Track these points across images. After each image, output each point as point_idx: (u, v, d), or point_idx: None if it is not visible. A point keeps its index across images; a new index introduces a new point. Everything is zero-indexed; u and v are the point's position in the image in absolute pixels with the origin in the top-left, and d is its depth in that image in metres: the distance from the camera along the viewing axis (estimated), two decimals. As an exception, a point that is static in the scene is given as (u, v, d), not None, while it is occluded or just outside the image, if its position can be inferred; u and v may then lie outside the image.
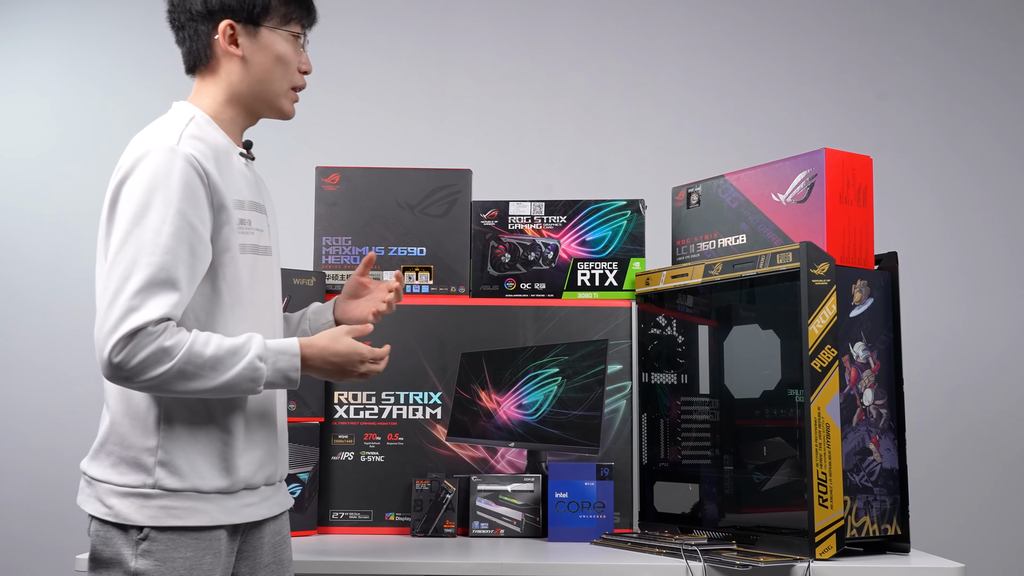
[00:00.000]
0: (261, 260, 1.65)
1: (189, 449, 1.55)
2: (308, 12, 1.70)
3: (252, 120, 1.72)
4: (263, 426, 1.65)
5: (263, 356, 1.52)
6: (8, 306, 3.17)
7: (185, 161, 1.52)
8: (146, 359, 1.45)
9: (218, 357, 1.49)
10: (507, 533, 2.27)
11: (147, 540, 1.52)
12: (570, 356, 2.35)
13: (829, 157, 2.05)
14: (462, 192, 2.43)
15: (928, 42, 3.24)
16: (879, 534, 2.00)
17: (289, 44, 1.67)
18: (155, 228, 1.48)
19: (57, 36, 3.27)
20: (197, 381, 1.48)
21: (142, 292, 1.45)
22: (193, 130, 1.60)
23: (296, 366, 1.56)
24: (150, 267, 1.46)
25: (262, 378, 1.53)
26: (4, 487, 3.08)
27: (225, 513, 1.57)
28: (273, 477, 1.67)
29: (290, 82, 1.69)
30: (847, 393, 1.98)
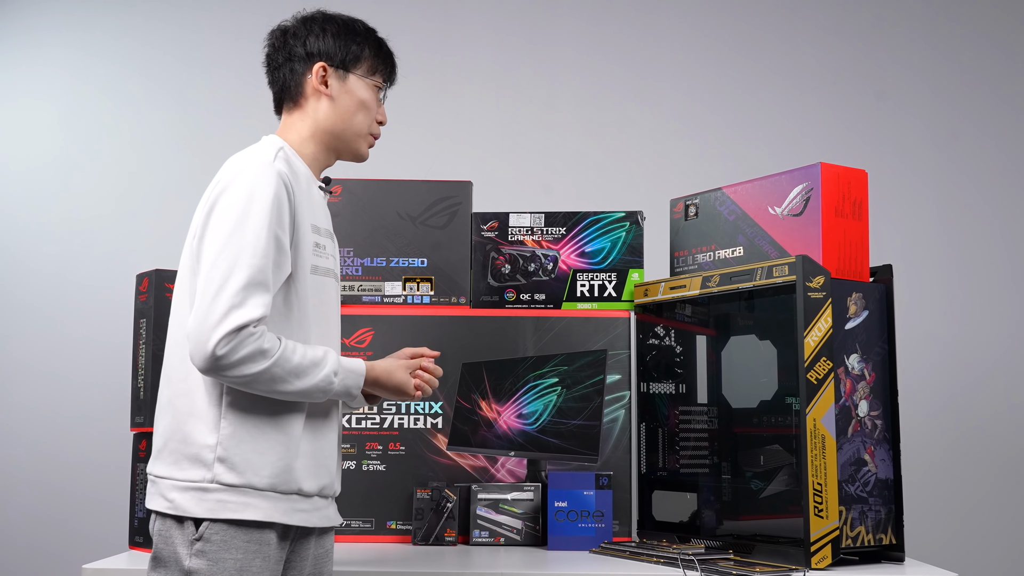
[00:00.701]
0: (330, 284, 1.78)
1: (246, 448, 1.63)
2: (392, 69, 1.87)
3: (331, 158, 1.85)
4: (320, 438, 1.72)
5: (337, 371, 1.67)
6: (13, 313, 3.19)
7: (278, 176, 1.65)
8: (246, 356, 1.56)
9: (303, 366, 1.62)
10: (507, 541, 2.30)
11: (201, 540, 1.59)
12: (569, 366, 2.38)
13: (825, 171, 2.08)
14: (463, 204, 2.45)
15: (926, 50, 3.27)
16: (874, 544, 2.03)
17: (371, 92, 1.83)
18: (254, 233, 1.60)
19: (63, 45, 3.30)
20: (281, 384, 1.60)
21: (243, 291, 1.57)
22: (284, 156, 1.73)
23: (360, 385, 1.71)
24: (250, 268, 1.58)
25: (332, 391, 1.67)
26: (10, 494, 3.10)
27: (278, 512, 1.63)
28: (327, 490, 1.73)
29: (369, 127, 1.84)
30: (842, 404, 2.01)
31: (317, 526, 1.72)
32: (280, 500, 1.64)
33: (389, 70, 1.87)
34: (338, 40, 1.81)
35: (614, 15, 3.29)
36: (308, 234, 1.70)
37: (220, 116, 3.24)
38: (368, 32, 1.85)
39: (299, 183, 1.71)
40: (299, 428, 1.67)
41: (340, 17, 1.84)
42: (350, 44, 1.81)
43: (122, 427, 2.55)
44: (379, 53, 1.84)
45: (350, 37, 1.82)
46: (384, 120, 1.87)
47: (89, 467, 3.06)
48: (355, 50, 1.81)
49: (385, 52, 1.86)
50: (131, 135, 3.27)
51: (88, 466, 3.06)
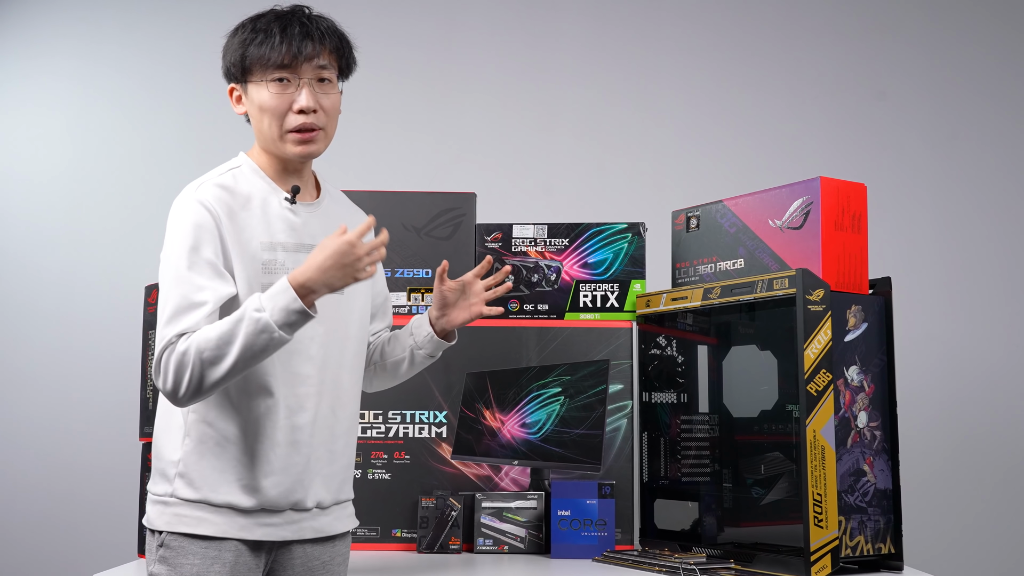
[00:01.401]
0: None
1: (204, 465, 1.67)
2: (286, 53, 1.70)
3: (286, 164, 1.79)
4: (292, 453, 1.70)
5: (260, 306, 1.58)
6: (21, 322, 3.22)
7: (199, 205, 1.68)
8: (175, 372, 1.58)
9: (223, 331, 1.58)
10: (511, 549, 2.32)
11: (163, 547, 1.66)
12: (572, 376, 2.41)
13: (824, 185, 2.11)
14: (467, 215, 2.48)
15: (926, 57, 3.30)
16: (873, 553, 2.06)
17: (269, 92, 1.72)
18: (175, 266, 1.64)
19: (70, 55, 3.33)
20: (222, 361, 1.57)
21: (169, 323, 1.61)
22: (226, 179, 1.74)
23: (293, 296, 1.58)
24: (173, 299, 1.63)
25: (270, 323, 1.57)
26: (18, 501, 3.13)
27: (235, 528, 1.66)
28: (303, 504, 1.72)
29: (280, 127, 1.73)
30: (842, 416, 2.04)
31: (288, 539, 1.71)
32: (238, 516, 1.67)
33: (286, 52, 1.70)
34: (227, 58, 1.76)
35: (616, 28, 3.32)
36: (256, 253, 1.69)
37: (227, 125, 3.24)
38: (250, 29, 1.73)
39: (246, 202, 1.71)
40: (263, 446, 1.67)
41: (237, 27, 1.76)
42: (234, 57, 1.74)
43: (131, 436, 2.58)
44: (264, 44, 1.70)
45: (234, 48, 1.74)
46: (304, 105, 1.71)
47: (98, 476, 3.09)
48: (238, 60, 1.73)
49: (272, 38, 1.70)
50: (138, 145, 3.30)
51: (97, 475, 3.09)
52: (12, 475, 3.14)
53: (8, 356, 3.21)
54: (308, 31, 1.72)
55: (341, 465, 1.80)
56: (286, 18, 1.73)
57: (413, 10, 3.30)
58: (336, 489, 1.79)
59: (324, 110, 1.75)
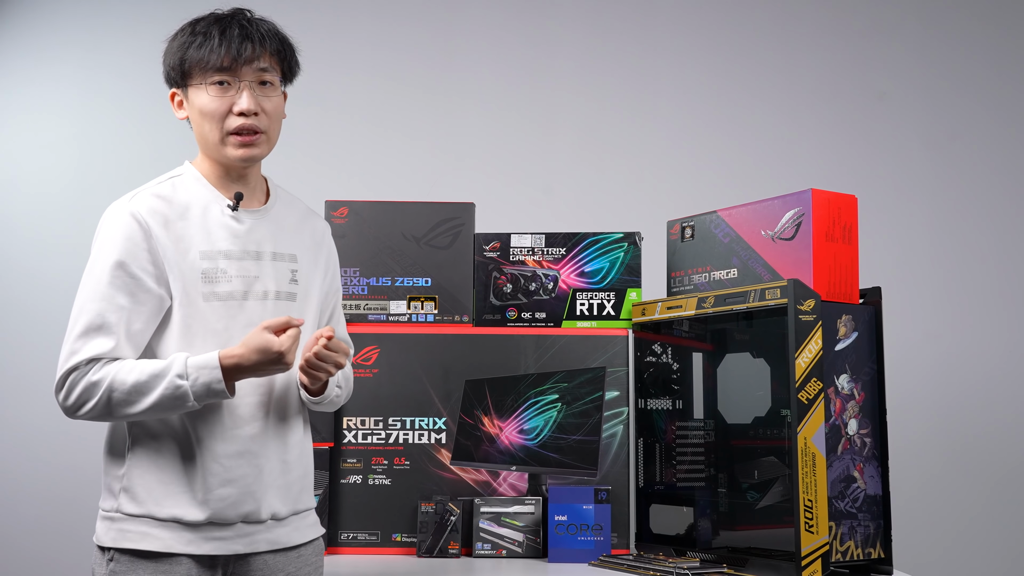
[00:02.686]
0: (249, 306, 1.72)
1: (149, 478, 1.66)
2: (224, 55, 1.68)
3: (228, 169, 1.77)
4: (241, 464, 1.68)
5: (183, 374, 1.59)
6: (26, 329, 3.25)
7: (130, 216, 1.68)
8: (79, 395, 1.61)
9: (140, 382, 1.59)
10: (509, 554, 2.37)
11: (113, 562, 1.64)
12: (569, 383, 2.45)
13: (816, 197, 2.15)
14: (466, 224, 2.52)
15: (923, 64, 3.33)
16: (863, 558, 2.10)
17: (209, 96, 1.71)
18: (97, 278, 1.66)
19: (75, 62, 3.35)
20: (129, 407, 1.60)
21: (81, 337, 1.62)
22: (163, 189, 1.73)
23: (218, 378, 1.60)
24: (88, 314, 1.63)
25: (188, 395, 1.59)
26: (21, 506, 3.16)
27: (181, 543, 1.64)
28: (255, 515, 1.69)
29: (221, 129, 1.72)
30: (832, 424, 2.08)
31: (240, 552, 1.69)
32: (184, 531, 1.64)
33: (224, 54, 1.68)
34: (167, 62, 1.74)
35: (613, 39, 3.35)
36: (195, 262, 1.68)
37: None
38: (189, 33, 1.72)
39: (185, 211, 1.70)
40: (207, 457, 1.65)
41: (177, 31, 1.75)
42: (173, 61, 1.72)
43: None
44: (202, 47, 1.69)
45: (173, 52, 1.73)
46: (244, 107, 1.69)
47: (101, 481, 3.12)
48: (177, 64, 1.72)
49: (210, 41, 1.68)
50: (143, 152, 3.33)
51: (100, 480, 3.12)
52: (15, 479, 3.17)
53: (13, 361, 3.24)
54: (248, 33, 1.70)
55: (297, 475, 1.78)
56: (225, 20, 1.72)
57: (411, 20, 3.34)
58: (293, 499, 1.76)
59: (266, 113, 1.73)
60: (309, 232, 1.88)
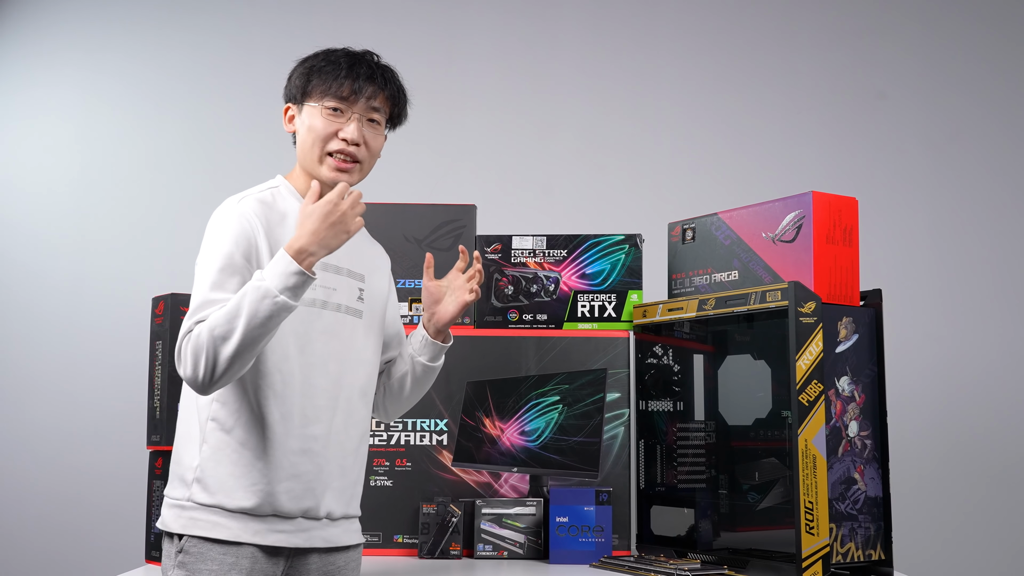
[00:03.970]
0: (327, 315, 1.82)
1: (221, 470, 1.73)
2: (346, 86, 1.83)
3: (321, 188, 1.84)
4: (305, 461, 1.77)
5: (261, 276, 1.66)
6: (30, 330, 3.26)
7: (239, 215, 1.78)
8: (193, 351, 1.65)
9: (230, 306, 1.65)
10: (510, 555, 2.37)
11: (183, 552, 1.72)
12: (570, 385, 2.46)
13: (816, 199, 2.15)
14: (467, 226, 2.53)
15: (922, 67, 3.34)
16: (864, 559, 2.10)
17: (321, 117, 1.84)
18: (209, 266, 1.73)
19: (77, 65, 3.37)
20: (232, 335, 1.62)
21: (191, 314, 1.70)
22: (265, 195, 1.84)
23: (288, 260, 1.66)
24: (198, 299, 1.72)
25: (272, 290, 1.64)
26: (28, 507, 3.17)
27: (248, 533, 1.72)
28: (314, 512, 1.78)
29: (322, 149, 1.84)
30: (833, 425, 2.09)
31: (302, 547, 1.78)
32: (252, 521, 1.72)
33: (347, 85, 1.83)
34: (292, 80, 1.89)
35: (613, 41, 3.36)
36: None
37: (233, 136, 3.32)
38: (322, 59, 1.86)
39: (282, 219, 1.81)
40: (277, 452, 1.74)
41: (307, 57, 1.89)
42: (298, 80, 1.87)
43: (138, 442, 2.63)
44: (330, 74, 1.83)
45: (300, 73, 1.87)
46: (349, 136, 1.83)
47: (106, 481, 3.13)
48: (301, 84, 1.86)
49: (338, 71, 1.83)
50: (145, 154, 3.34)
51: (105, 480, 3.14)
52: (21, 480, 3.19)
53: (17, 362, 3.25)
54: (372, 74, 1.86)
55: (351, 480, 1.88)
56: (356, 57, 1.87)
57: (413, 24, 3.35)
58: (346, 503, 1.86)
59: (367, 146, 1.87)
60: (372, 257, 2.00)
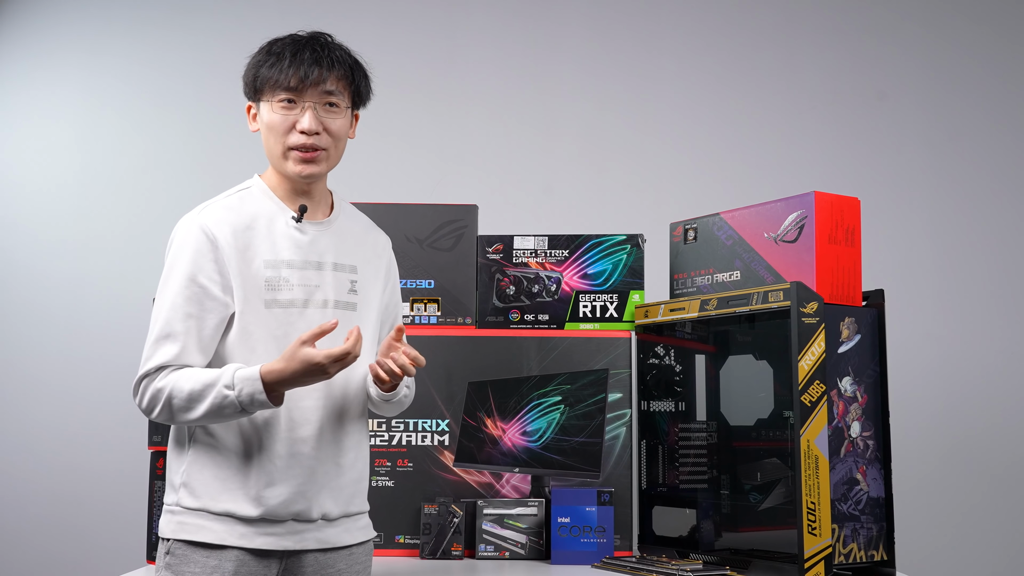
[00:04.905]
0: (296, 314, 1.79)
1: (207, 474, 1.75)
2: (293, 75, 1.77)
3: (293, 183, 1.86)
4: (293, 464, 1.76)
5: (230, 385, 1.68)
6: (31, 329, 3.26)
7: (198, 229, 1.76)
8: (149, 399, 1.72)
9: (194, 391, 1.69)
10: (512, 556, 2.37)
11: (169, 554, 1.74)
12: (572, 385, 2.45)
13: (818, 199, 2.15)
14: (469, 227, 2.53)
15: (923, 68, 3.33)
16: (866, 560, 2.10)
17: (276, 113, 1.80)
18: (170, 289, 1.75)
19: (78, 66, 3.37)
20: (188, 413, 1.70)
21: (153, 345, 1.74)
22: (231, 201, 1.82)
23: (260, 389, 1.67)
24: (159, 323, 1.74)
25: (235, 404, 1.68)
26: (28, 506, 3.17)
27: (234, 536, 1.73)
28: (306, 515, 1.77)
29: (283, 144, 1.81)
30: (835, 426, 2.08)
31: (291, 549, 1.76)
32: (238, 525, 1.73)
33: (293, 75, 1.77)
34: (245, 76, 1.85)
35: (615, 42, 3.36)
36: (259, 271, 1.76)
37: (233, 136, 3.31)
38: (265, 52, 1.82)
39: (252, 222, 1.79)
40: (262, 457, 1.74)
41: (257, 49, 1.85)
42: (249, 78, 1.83)
43: (139, 442, 2.62)
44: (274, 66, 1.78)
45: (250, 70, 1.83)
46: (305, 127, 1.78)
47: (106, 481, 3.13)
48: (249, 80, 1.83)
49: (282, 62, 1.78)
50: (145, 154, 3.34)
51: (105, 480, 3.14)
52: (22, 479, 3.19)
53: (18, 362, 3.25)
54: (318, 58, 1.80)
55: (351, 478, 1.85)
56: (300, 43, 1.82)
57: (414, 25, 3.35)
58: (346, 502, 1.83)
59: (329, 132, 1.82)
60: (371, 244, 1.97)
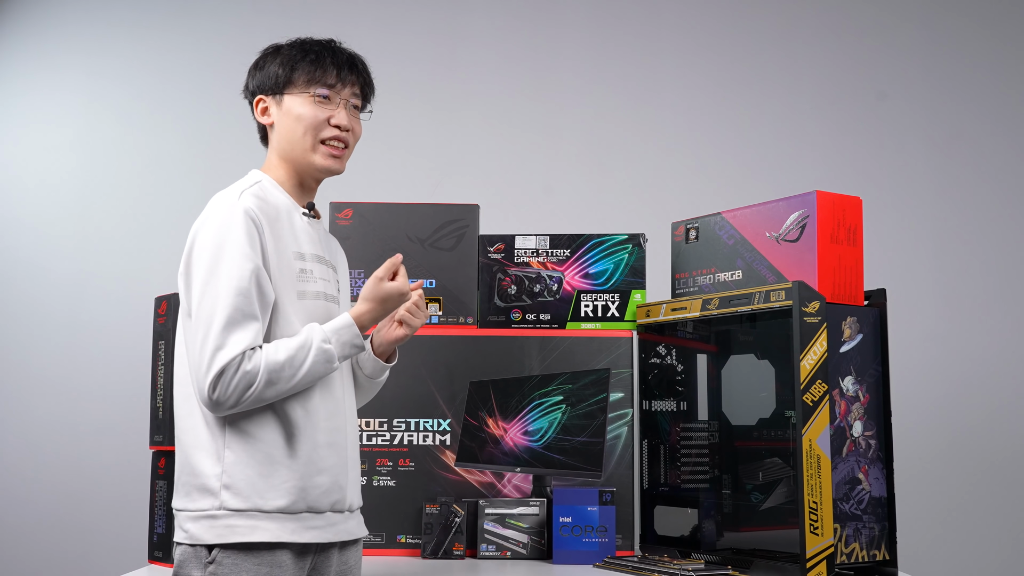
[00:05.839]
0: (321, 306, 1.83)
1: (251, 472, 1.70)
2: (333, 73, 1.84)
3: (306, 181, 1.89)
4: (331, 454, 1.78)
5: (327, 338, 1.73)
6: (33, 327, 3.27)
7: (244, 214, 1.73)
8: (237, 387, 1.66)
9: (291, 357, 1.69)
10: (513, 555, 2.37)
11: (214, 563, 1.67)
12: (574, 384, 2.45)
13: (820, 199, 2.15)
14: (470, 226, 2.53)
15: (924, 69, 3.33)
16: (868, 560, 2.10)
17: (309, 104, 1.83)
18: (227, 273, 1.69)
19: (78, 69, 3.38)
20: (286, 383, 1.69)
21: (223, 332, 1.66)
22: (256, 191, 1.81)
23: (356, 333, 1.77)
24: (227, 308, 1.67)
25: (335, 355, 1.74)
26: (31, 503, 3.18)
27: (287, 532, 1.70)
28: (340, 505, 1.79)
29: (315, 137, 1.84)
30: (837, 425, 2.08)
31: (332, 541, 1.78)
32: (289, 520, 1.71)
33: (333, 73, 1.84)
34: (265, 70, 1.86)
35: (616, 42, 3.36)
36: (291, 262, 1.78)
37: (231, 137, 3.30)
38: (299, 49, 1.86)
39: (277, 214, 1.79)
40: (306, 447, 1.74)
41: (273, 47, 1.89)
42: (275, 69, 1.84)
43: (141, 441, 2.62)
44: (315, 63, 1.83)
45: (275, 62, 1.85)
46: (338, 123, 1.84)
47: (109, 479, 3.14)
48: (281, 73, 1.84)
49: (323, 60, 1.84)
50: (146, 155, 3.35)
51: (108, 478, 3.14)
52: (23, 478, 3.19)
53: (20, 361, 3.26)
54: (352, 62, 1.88)
55: (360, 470, 1.91)
56: (330, 45, 1.88)
57: (416, 26, 3.35)
58: (359, 494, 1.89)
59: (353, 132, 1.88)
60: (336, 245, 2.03)
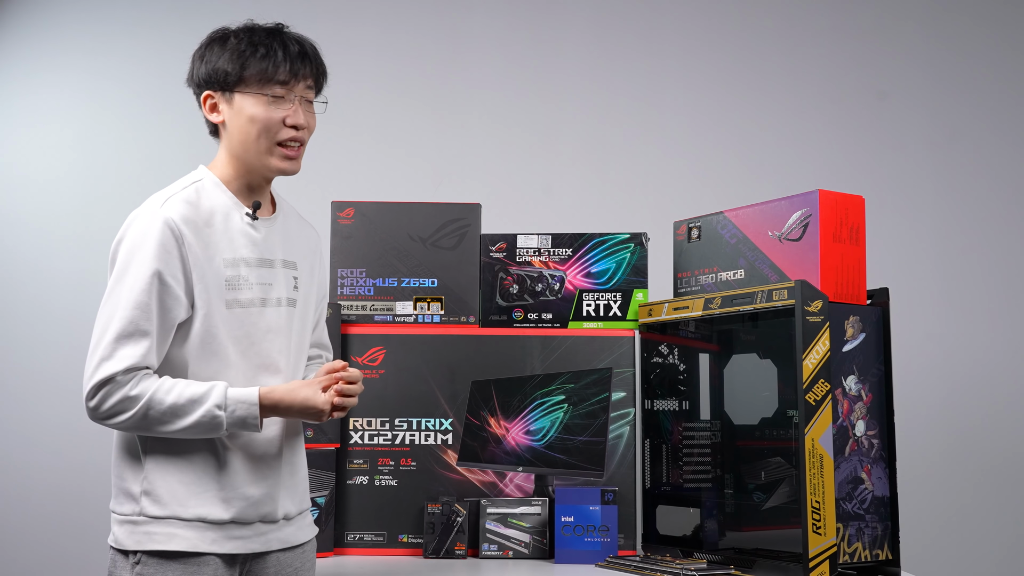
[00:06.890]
0: (255, 314, 1.74)
1: (171, 479, 1.67)
2: (286, 69, 1.73)
3: (255, 180, 1.80)
4: (260, 467, 1.73)
5: (222, 404, 1.64)
6: (34, 326, 3.26)
7: (163, 224, 1.66)
8: (114, 405, 1.62)
9: (178, 405, 1.63)
10: (515, 555, 2.36)
11: (140, 564, 1.65)
12: (576, 384, 2.45)
13: (823, 198, 2.14)
14: (472, 225, 2.52)
15: (925, 68, 3.33)
16: (871, 559, 2.10)
17: (263, 105, 1.73)
18: (130, 286, 1.63)
19: (80, 69, 3.37)
20: (161, 425, 1.63)
21: (114, 343, 1.62)
22: (189, 194, 1.73)
23: (255, 414, 1.66)
24: (122, 321, 1.62)
25: (222, 425, 1.65)
26: (31, 502, 3.17)
27: (206, 542, 1.67)
28: (272, 516, 1.75)
29: (270, 139, 1.74)
30: (840, 425, 2.08)
31: (257, 551, 1.73)
32: (209, 529, 1.67)
33: (286, 68, 1.72)
34: (212, 64, 1.74)
35: (618, 41, 3.35)
36: (219, 270, 1.70)
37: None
38: (247, 42, 1.73)
39: (210, 218, 1.71)
40: (234, 457, 1.70)
41: (220, 35, 1.76)
42: (224, 65, 1.73)
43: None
44: (266, 58, 1.72)
45: (223, 56, 1.73)
46: (299, 122, 1.74)
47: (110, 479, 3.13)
48: (231, 70, 1.72)
49: (274, 54, 1.72)
50: (145, 155, 3.34)
51: (108, 478, 3.12)
52: (24, 476, 3.19)
53: (21, 359, 3.25)
54: (304, 52, 1.76)
55: (301, 476, 1.85)
56: (279, 35, 1.76)
57: (416, 24, 3.34)
58: (299, 499, 1.83)
59: (308, 129, 1.79)
60: (304, 240, 1.92)
